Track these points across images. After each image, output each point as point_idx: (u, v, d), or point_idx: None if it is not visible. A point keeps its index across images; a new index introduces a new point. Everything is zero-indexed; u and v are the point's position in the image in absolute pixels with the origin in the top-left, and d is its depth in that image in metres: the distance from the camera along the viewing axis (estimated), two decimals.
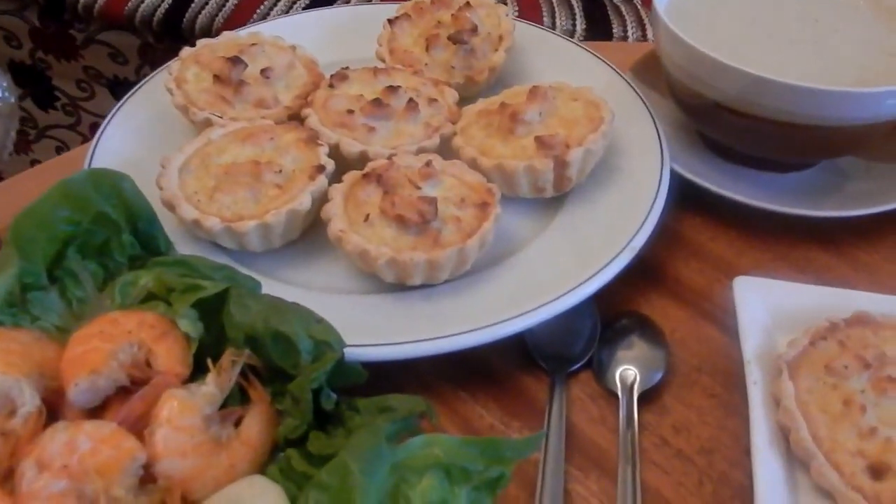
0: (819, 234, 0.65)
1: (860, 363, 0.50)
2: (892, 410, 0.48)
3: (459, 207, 0.58)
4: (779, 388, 0.49)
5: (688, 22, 0.65)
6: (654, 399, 0.54)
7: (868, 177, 0.69)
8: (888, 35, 0.66)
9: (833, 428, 0.47)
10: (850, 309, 0.54)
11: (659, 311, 0.59)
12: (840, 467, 0.46)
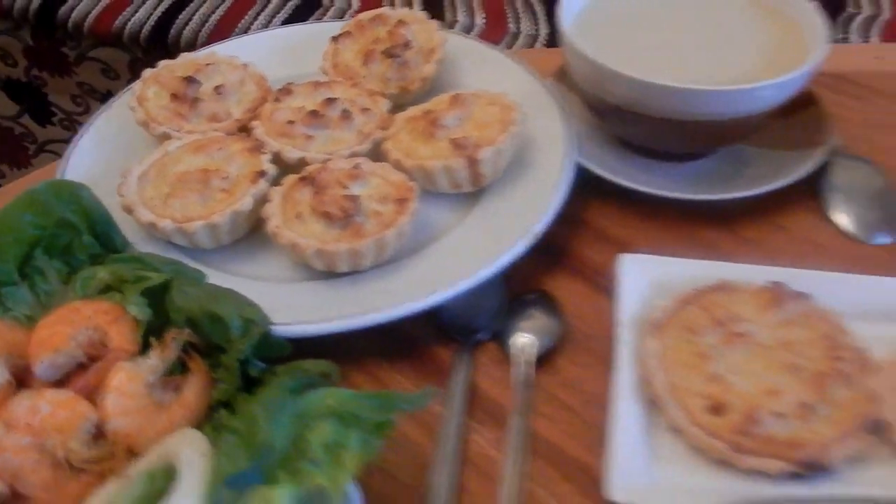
0: (712, 216, 0.74)
1: (714, 322, 0.58)
2: (735, 360, 0.57)
3: (381, 203, 0.66)
4: (643, 345, 0.58)
5: (592, 34, 0.73)
6: (550, 362, 0.63)
7: (759, 163, 0.77)
8: (765, 34, 0.75)
9: (684, 376, 0.56)
10: (718, 277, 0.62)
11: (561, 287, 0.68)
12: (687, 408, 0.54)
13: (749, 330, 0.58)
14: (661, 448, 0.55)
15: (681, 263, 0.64)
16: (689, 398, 0.55)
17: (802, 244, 0.73)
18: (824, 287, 0.61)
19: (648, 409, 0.56)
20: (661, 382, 0.55)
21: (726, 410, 0.54)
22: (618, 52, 0.70)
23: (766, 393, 0.55)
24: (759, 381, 0.55)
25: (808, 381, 0.55)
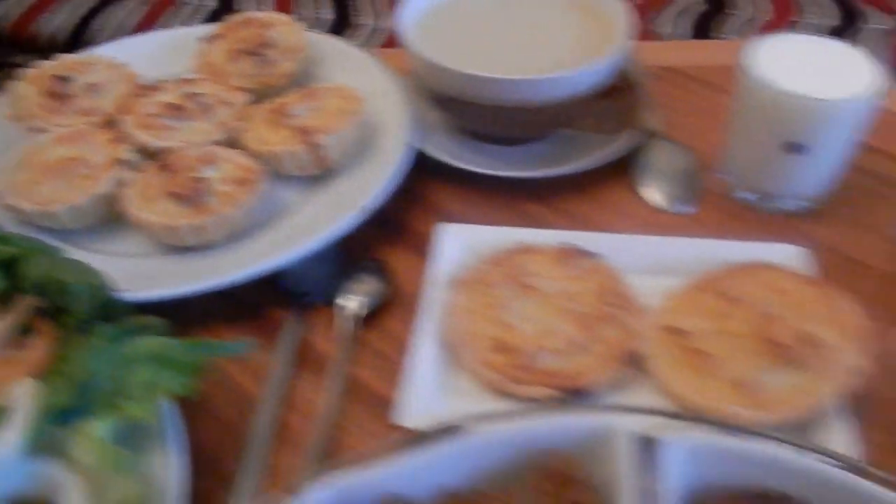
0: (538, 192, 0.83)
1: (508, 278, 0.67)
2: (522, 308, 0.66)
3: (231, 185, 0.75)
4: (446, 299, 0.67)
5: (429, 35, 0.82)
6: (376, 320, 0.71)
7: (583, 145, 0.86)
8: (581, 30, 0.84)
9: (477, 323, 0.65)
10: (521, 241, 0.71)
11: (394, 255, 0.77)
12: (477, 350, 0.63)
13: (538, 283, 0.67)
14: (454, 385, 0.63)
15: (490, 231, 0.73)
16: (479, 341, 0.63)
17: (613, 214, 0.82)
18: (610, 246, 0.71)
19: (446, 353, 0.65)
20: (456, 329, 0.64)
21: (509, 350, 0.63)
22: (451, 50, 0.79)
23: (544, 334, 0.64)
24: (540, 324, 0.64)
25: (580, 323, 0.64)
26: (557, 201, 0.83)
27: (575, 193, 0.84)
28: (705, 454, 0.50)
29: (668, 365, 0.61)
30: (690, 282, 0.67)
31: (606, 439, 0.50)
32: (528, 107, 0.79)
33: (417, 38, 0.81)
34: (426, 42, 0.81)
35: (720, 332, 0.62)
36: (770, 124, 0.74)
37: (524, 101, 0.78)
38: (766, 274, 0.65)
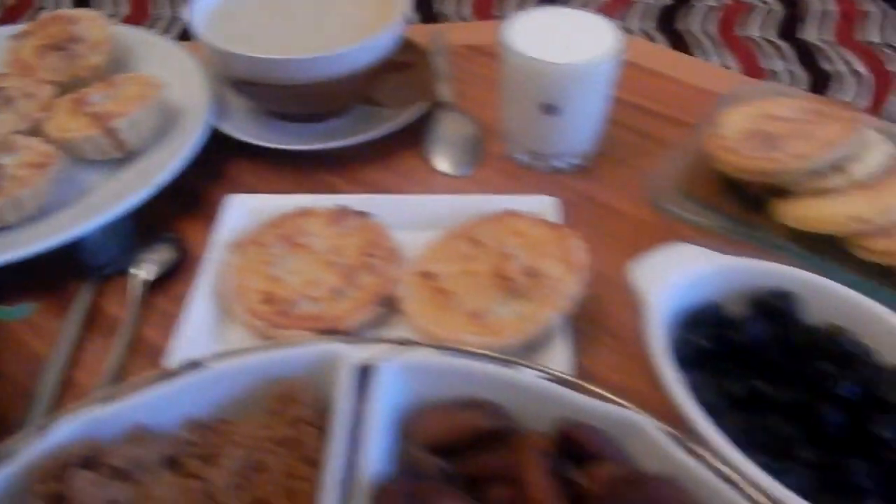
0: (335, 164, 0.90)
1: (281, 238, 0.74)
2: (292, 264, 0.72)
3: (27, 169, 0.79)
4: (224, 258, 0.73)
5: (222, 21, 0.88)
6: (167, 286, 0.77)
7: (378, 118, 0.93)
8: (364, 7, 0.91)
9: (249, 279, 0.71)
10: (300, 206, 0.78)
11: (192, 227, 0.82)
12: (246, 302, 0.69)
13: (309, 242, 0.74)
14: (225, 335, 0.69)
15: (273, 198, 0.80)
16: (249, 294, 0.70)
17: (403, 180, 0.89)
18: (380, 206, 0.78)
19: (219, 307, 0.71)
20: (229, 284, 0.70)
21: (275, 300, 0.69)
22: (241, 36, 0.86)
23: (308, 284, 0.70)
24: (305, 277, 0.71)
25: (341, 273, 0.71)
26: (352, 171, 0.90)
27: (369, 163, 0.91)
28: (418, 372, 0.57)
29: (417, 304, 0.68)
30: (448, 232, 0.74)
31: (331, 366, 0.56)
32: (314, 84, 0.85)
33: (207, 27, 0.87)
34: (217, 30, 0.87)
35: (464, 273, 0.69)
36: (527, 89, 0.83)
37: (309, 79, 0.85)
38: (511, 221, 0.73)
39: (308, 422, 0.53)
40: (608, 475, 0.49)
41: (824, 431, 0.60)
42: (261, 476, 0.51)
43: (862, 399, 0.62)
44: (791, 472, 0.57)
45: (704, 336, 0.65)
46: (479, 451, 0.54)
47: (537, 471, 0.49)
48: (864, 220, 0.74)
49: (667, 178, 0.84)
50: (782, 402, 0.62)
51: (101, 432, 0.54)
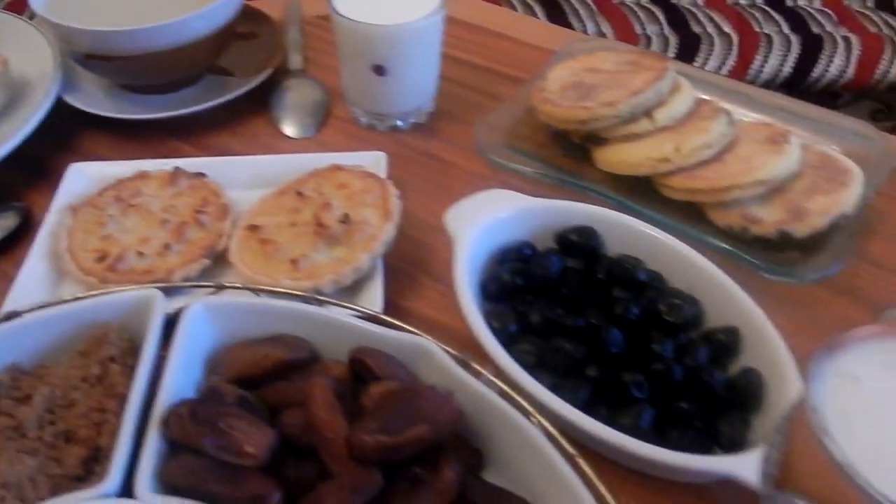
0: (185, 131, 0.93)
1: (117, 199, 0.77)
2: (126, 224, 0.76)
3: None
4: (60, 221, 0.76)
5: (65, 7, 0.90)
6: (11, 252, 0.80)
7: (229, 87, 0.97)
8: None
9: (83, 239, 0.74)
10: (140, 169, 0.81)
11: (36, 197, 0.85)
12: (79, 260, 0.73)
13: (144, 202, 0.77)
14: (60, 292, 0.73)
15: (114, 165, 0.83)
16: (82, 253, 0.73)
17: (250, 145, 0.93)
18: (214, 168, 0.82)
19: (55, 267, 0.74)
20: (63, 245, 0.74)
21: (107, 257, 0.73)
22: (83, 13, 0.88)
23: (140, 242, 0.74)
24: (138, 235, 0.75)
25: (173, 230, 0.75)
26: (201, 138, 0.94)
27: (218, 130, 0.95)
28: (224, 312, 0.62)
29: (242, 255, 0.73)
30: (277, 188, 0.78)
31: (145, 310, 0.61)
32: (156, 55, 0.88)
33: (48, 3, 0.89)
34: (59, 6, 0.89)
35: (288, 225, 0.74)
36: (358, 52, 0.87)
37: (149, 50, 0.88)
38: (335, 175, 0.78)
39: (116, 361, 0.57)
40: (384, 390, 0.54)
41: (608, 351, 0.66)
42: (69, 411, 0.56)
43: (645, 320, 0.68)
44: (577, 388, 0.63)
45: (509, 271, 0.71)
46: (280, 382, 0.59)
47: (320, 393, 0.54)
48: (665, 160, 0.81)
49: (496, 130, 0.90)
50: (573, 328, 0.68)
51: None
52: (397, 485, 0.52)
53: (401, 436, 0.50)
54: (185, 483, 0.50)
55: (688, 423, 0.62)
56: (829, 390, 0.42)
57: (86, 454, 0.53)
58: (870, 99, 1.89)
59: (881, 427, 0.41)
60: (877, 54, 1.72)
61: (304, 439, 0.54)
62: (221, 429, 0.52)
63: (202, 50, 0.90)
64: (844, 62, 1.70)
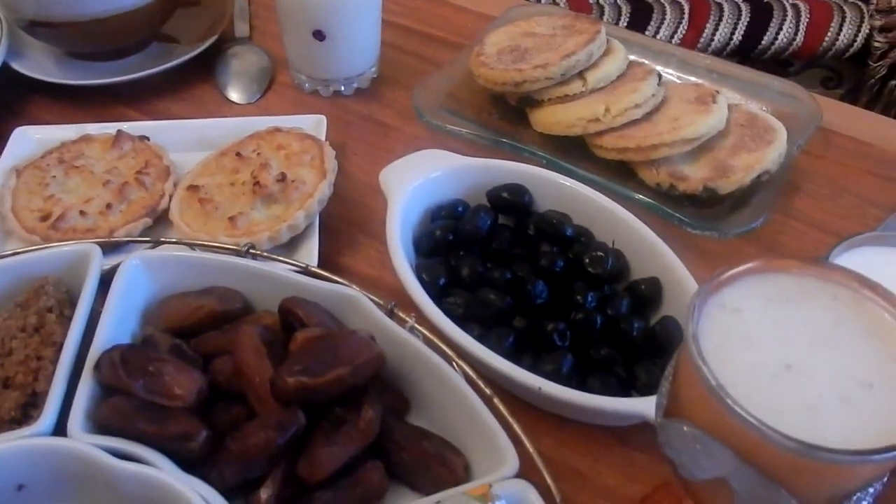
0: (132, 98, 0.95)
1: (60, 161, 0.79)
2: (70, 185, 0.78)
3: None
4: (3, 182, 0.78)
5: None
6: None
7: (172, 54, 0.98)
8: None
9: (27, 199, 0.76)
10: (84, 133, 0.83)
11: None
12: (23, 220, 0.75)
13: (87, 164, 0.79)
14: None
15: (60, 128, 0.85)
16: (26, 213, 0.75)
17: (196, 110, 0.95)
18: (157, 131, 0.84)
19: (1, 227, 0.76)
20: (7, 205, 0.76)
21: (50, 217, 0.75)
22: None
23: (83, 202, 0.76)
24: (81, 196, 0.77)
25: (115, 190, 0.77)
26: (148, 104, 0.96)
27: (164, 95, 0.97)
28: (159, 266, 0.64)
29: (183, 214, 0.75)
30: (218, 150, 0.81)
31: (83, 263, 0.63)
32: (99, 20, 0.90)
33: None
34: None
35: (227, 185, 0.76)
36: (298, 18, 0.89)
37: (92, 15, 0.89)
38: (275, 137, 0.80)
39: (53, 311, 0.59)
40: (308, 336, 0.57)
41: (533, 302, 0.69)
42: (7, 359, 0.58)
43: (570, 273, 0.71)
44: (502, 338, 0.66)
45: (441, 228, 0.74)
46: (213, 332, 0.61)
47: (248, 339, 0.57)
48: (596, 120, 0.84)
49: (435, 94, 0.93)
50: (500, 280, 0.71)
51: None
52: (320, 424, 0.54)
53: (321, 377, 0.53)
54: (116, 423, 0.53)
55: (607, 370, 0.66)
56: (711, 321, 0.45)
57: (23, 399, 0.56)
58: (820, 67, 1.93)
59: (756, 354, 0.44)
60: (825, 21, 1.75)
61: (233, 385, 0.57)
62: (152, 372, 0.55)
63: (146, 16, 0.92)
64: (794, 29, 1.73)
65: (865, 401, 0.41)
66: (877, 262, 0.63)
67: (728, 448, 0.42)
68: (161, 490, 0.49)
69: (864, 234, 0.62)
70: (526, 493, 0.50)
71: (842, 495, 0.42)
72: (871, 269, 0.46)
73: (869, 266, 0.49)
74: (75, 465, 0.50)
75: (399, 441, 0.56)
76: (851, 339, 0.43)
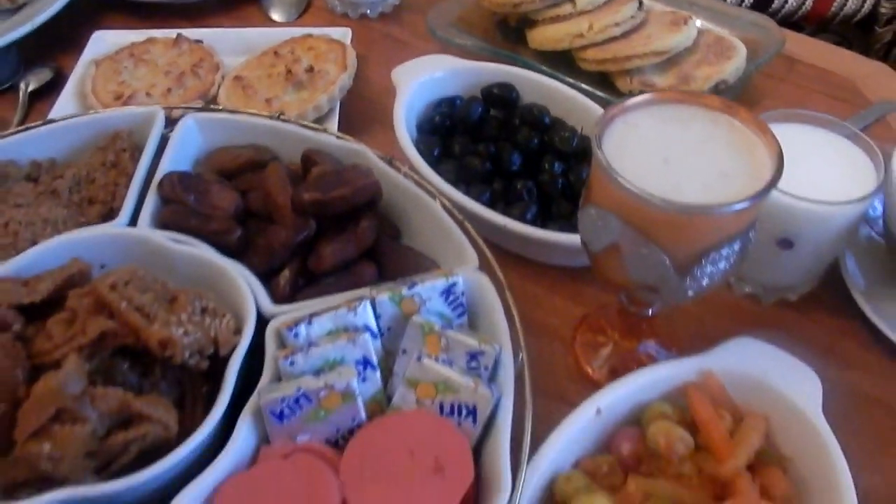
0: (188, 14, 1.12)
1: (132, 56, 0.97)
2: (138, 73, 0.96)
3: None
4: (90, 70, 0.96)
5: None
6: (45, 96, 1.00)
7: None
8: None
9: (105, 83, 0.94)
10: (149, 37, 1.01)
11: (67, 58, 1.05)
12: (101, 99, 0.93)
13: (152, 58, 0.97)
14: None
15: (130, 32, 1.03)
16: (103, 94, 0.93)
17: (243, 25, 1.12)
18: (210, 37, 1.01)
19: (82, 104, 0.94)
20: (88, 87, 0.94)
21: (122, 97, 0.93)
22: None
23: (148, 86, 0.94)
24: (147, 82, 0.95)
25: (174, 78, 0.95)
26: (201, 20, 1.13)
27: (215, 13, 1.14)
28: (209, 125, 0.81)
29: (228, 98, 0.92)
30: (260, 52, 0.98)
31: (150, 121, 0.80)
32: None
33: None
34: None
35: (265, 76, 0.94)
36: None
37: None
38: (307, 41, 0.98)
39: (126, 151, 0.77)
40: (320, 170, 0.74)
41: (509, 169, 0.85)
42: (91, 185, 0.76)
43: (543, 149, 0.87)
44: (482, 193, 0.82)
45: (440, 115, 0.90)
46: (248, 174, 0.79)
47: (275, 171, 0.74)
48: (580, 36, 0.99)
49: (447, 15, 1.09)
50: (485, 153, 0.87)
51: None
52: (328, 232, 0.71)
53: (329, 193, 0.70)
54: (173, 222, 0.70)
55: (566, 221, 0.81)
56: (615, 132, 0.61)
57: (104, 211, 0.73)
58: (830, 32, 2.05)
59: (644, 153, 0.59)
60: None
61: (262, 208, 0.74)
62: (201, 191, 0.72)
63: None
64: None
65: (721, 185, 0.57)
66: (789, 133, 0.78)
67: (617, 217, 0.57)
68: (209, 267, 0.66)
69: (779, 111, 0.76)
70: (479, 278, 0.66)
71: (700, 252, 0.57)
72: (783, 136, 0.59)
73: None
74: (143, 248, 0.67)
75: (389, 253, 0.72)
76: (719, 148, 0.59)
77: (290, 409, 0.57)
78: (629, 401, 0.63)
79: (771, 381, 0.62)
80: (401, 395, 0.59)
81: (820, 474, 0.59)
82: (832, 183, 0.69)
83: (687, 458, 0.59)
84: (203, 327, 0.58)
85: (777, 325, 0.74)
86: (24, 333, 0.56)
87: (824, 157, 0.73)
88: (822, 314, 0.77)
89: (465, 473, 0.55)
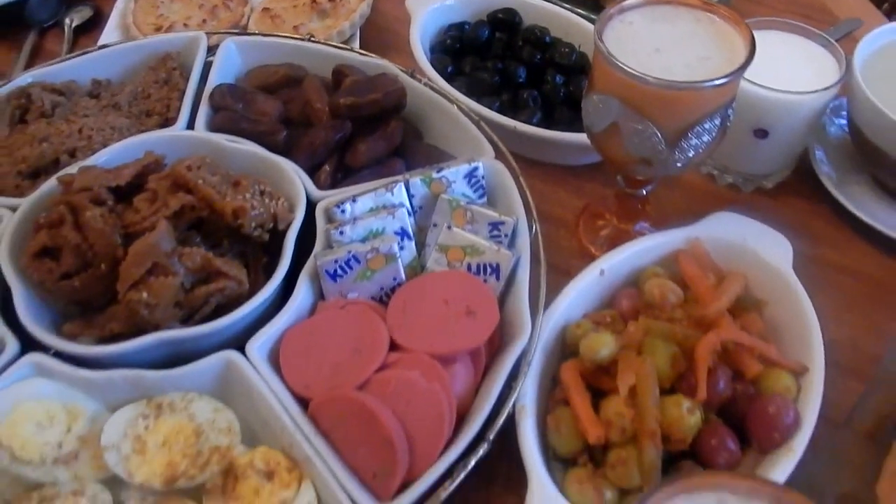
0: None
1: None
2: (173, 8, 1.06)
3: None
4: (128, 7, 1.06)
5: None
6: (90, 33, 1.10)
7: None
8: None
9: (144, 15, 1.04)
10: None
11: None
12: (142, 30, 1.03)
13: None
14: None
15: None
16: (144, 26, 1.03)
17: None
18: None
19: (126, 34, 1.04)
20: (130, 20, 1.04)
21: (161, 28, 1.03)
22: None
23: (184, 18, 1.03)
24: (183, 14, 1.04)
25: (208, 10, 1.04)
26: None
27: None
28: (247, 46, 0.91)
29: (258, 26, 1.02)
30: None
31: (194, 44, 0.90)
32: None
33: None
34: None
35: (291, 7, 1.03)
36: None
37: None
38: None
39: (177, 69, 0.87)
40: (353, 80, 0.84)
41: (516, 82, 0.95)
42: (147, 100, 0.86)
43: (544, 64, 0.97)
44: (491, 104, 0.92)
45: (451, 38, 1.00)
46: (285, 89, 0.89)
47: (311, 81, 0.84)
48: None
49: None
50: (493, 68, 0.97)
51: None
52: (361, 133, 0.82)
53: (363, 98, 0.80)
54: (225, 126, 0.80)
55: (567, 125, 0.92)
56: (613, 29, 0.71)
57: (160, 122, 0.83)
58: None
59: (638, 44, 0.69)
60: None
61: (301, 116, 0.84)
62: (248, 100, 0.82)
63: None
64: None
65: (704, 68, 0.67)
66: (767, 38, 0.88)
67: (616, 98, 0.68)
68: (262, 161, 0.76)
69: (758, 19, 0.86)
70: (495, 164, 0.76)
71: (687, 126, 0.68)
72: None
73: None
74: (204, 147, 0.77)
75: (414, 150, 0.82)
76: (701, 39, 0.69)
77: (342, 269, 0.67)
78: (627, 264, 0.73)
79: (748, 245, 0.73)
80: (434, 259, 0.70)
81: (791, 320, 0.70)
82: (803, 80, 0.80)
83: (678, 307, 0.69)
84: (264, 204, 0.68)
85: (756, 208, 0.85)
86: (115, 209, 0.66)
87: (797, 58, 0.83)
88: (795, 199, 0.87)
89: (492, 316, 0.65)
